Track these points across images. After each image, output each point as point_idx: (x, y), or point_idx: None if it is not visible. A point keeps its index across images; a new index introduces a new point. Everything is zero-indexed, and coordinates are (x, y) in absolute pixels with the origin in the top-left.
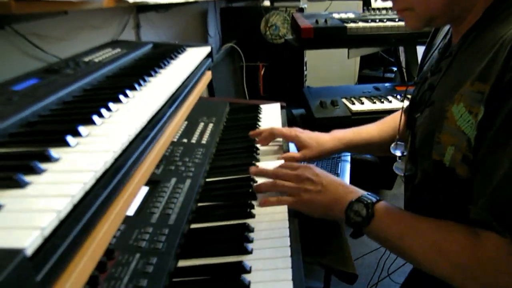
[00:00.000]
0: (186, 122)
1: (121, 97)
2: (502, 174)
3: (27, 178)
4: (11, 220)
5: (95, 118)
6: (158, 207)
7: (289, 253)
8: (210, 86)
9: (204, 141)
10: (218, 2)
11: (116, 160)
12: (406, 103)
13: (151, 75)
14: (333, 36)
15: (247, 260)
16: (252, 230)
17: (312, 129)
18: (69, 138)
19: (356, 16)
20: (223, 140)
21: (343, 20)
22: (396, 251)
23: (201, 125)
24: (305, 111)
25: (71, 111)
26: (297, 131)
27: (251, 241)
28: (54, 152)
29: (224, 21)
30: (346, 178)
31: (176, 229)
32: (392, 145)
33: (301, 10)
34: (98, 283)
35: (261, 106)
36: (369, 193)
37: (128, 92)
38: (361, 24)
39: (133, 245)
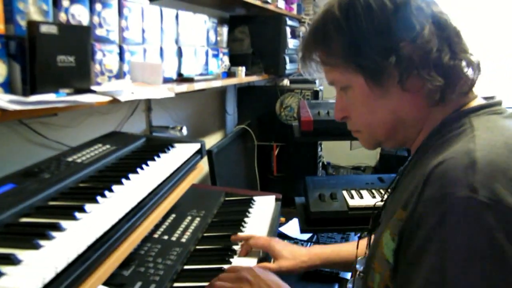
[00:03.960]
0: (173, 215)
1: (77, 214)
2: None
3: None
4: None
5: (38, 241)
6: None
7: None
8: (212, 173)
9: (184, 239)
10: None
11: None
12: None
13: (120, 183)
14: (333, 129)
15: None
16: None
17: (309, 223)
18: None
19: None
20: (204, 238)
21: None
22: None
23: (188, 219)
24: (305, 201)
25: (20, 230)
26: (272, 241)
27: None
28: None
29: (240, 100)
30: None
31: None
32: (359, 258)
33: (316, 93)
34: None
35: (255, 198)
36: None
37: (87, 206)
38: None
39: None
